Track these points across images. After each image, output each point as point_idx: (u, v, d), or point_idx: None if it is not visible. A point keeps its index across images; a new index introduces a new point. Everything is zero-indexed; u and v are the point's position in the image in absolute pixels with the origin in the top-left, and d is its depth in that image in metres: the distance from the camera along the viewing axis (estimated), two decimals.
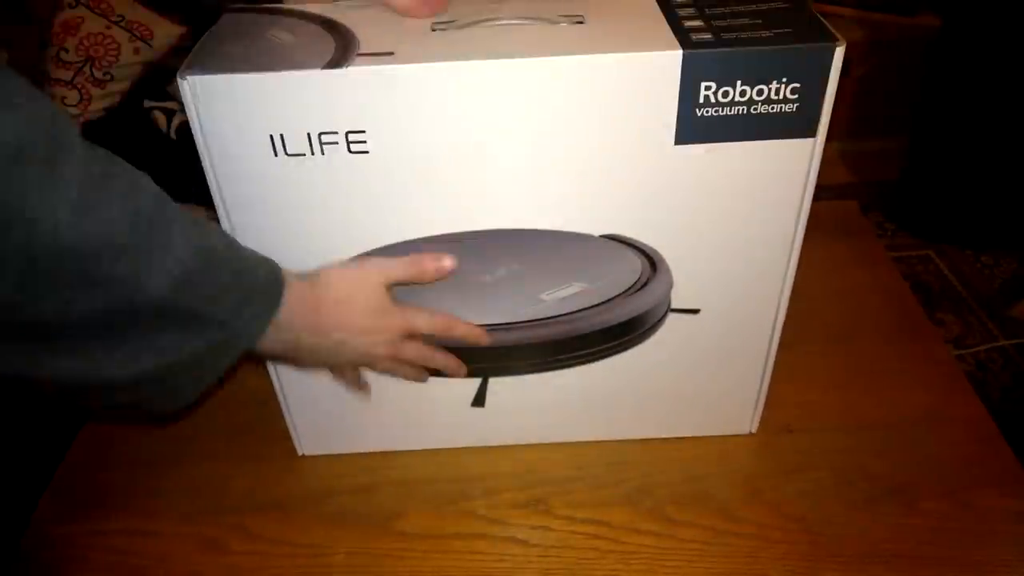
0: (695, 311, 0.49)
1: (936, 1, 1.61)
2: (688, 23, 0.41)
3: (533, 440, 0.55)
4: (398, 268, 0.45)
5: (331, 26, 0.43)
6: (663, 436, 0.55)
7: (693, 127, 0.41)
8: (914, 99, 1.63)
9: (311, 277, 0.42)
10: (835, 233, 0.73)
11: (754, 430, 0.55)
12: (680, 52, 0.38)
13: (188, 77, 0.38)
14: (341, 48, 0.40)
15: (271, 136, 0.40)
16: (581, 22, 0.42)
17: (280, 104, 0.39)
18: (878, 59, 1.66)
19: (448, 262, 0.45)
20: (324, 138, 0.41)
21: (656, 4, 0.43)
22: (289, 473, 0.54)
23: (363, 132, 0.41)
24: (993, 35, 1.42)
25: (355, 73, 0.39)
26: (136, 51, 1.41)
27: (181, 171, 0.49)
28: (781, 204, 0.44)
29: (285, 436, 0.56)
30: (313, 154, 0.41)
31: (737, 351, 0.51)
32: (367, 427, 0.54)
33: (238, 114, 0.39)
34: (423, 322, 0.47)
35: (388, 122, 0.40)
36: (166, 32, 1.41)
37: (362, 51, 0.40)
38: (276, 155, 0.41)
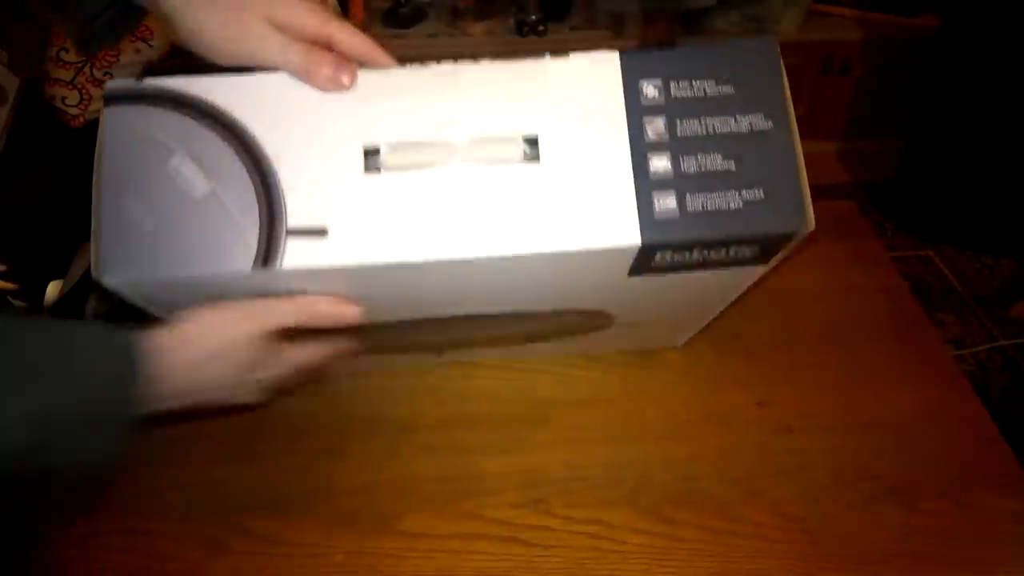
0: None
1: (936, 1, 1.61)
2: (654, 167, 0.39)
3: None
4: (284, 315, 0.41)
5: (243, 151, 0.39)
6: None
7: (648, 270, 0.41)
8: (913, 99, 1.63)
9: (169, 342, 0.38)
10: (835, 233, 0.73)
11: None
12: (639, 242, 0.38)
13: (105, 279, 0.37)
14: (266, 214, 0.38)
15: (204, 297, 0.40)
16: (535, 147, 0.39)
17: (209, 286, 0.39)
18: (878, 59, 1.66)
19: (350, 312, 0.41)
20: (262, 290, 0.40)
21: (624, 125, 0.39)
22: (289, 473, 0.54)
23: (304, 290, 0.40)
24: (992, 36, 1.42)
25: (287, 269, 0.37)
26: (137, 51, 1.41)
27: None
28: (727, 295, 0.48)
29: (285, 436, 0.56)
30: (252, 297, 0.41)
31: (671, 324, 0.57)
32: None
33: (166, 292, 0.39)
34: (303, 360, 0.44)
35: (327, 286, 0.40)
36: (166, 32, 1.41)
37: (291, 225, 0.37)
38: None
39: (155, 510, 0.52)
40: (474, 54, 0.41)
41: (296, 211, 0.38)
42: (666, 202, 0.38)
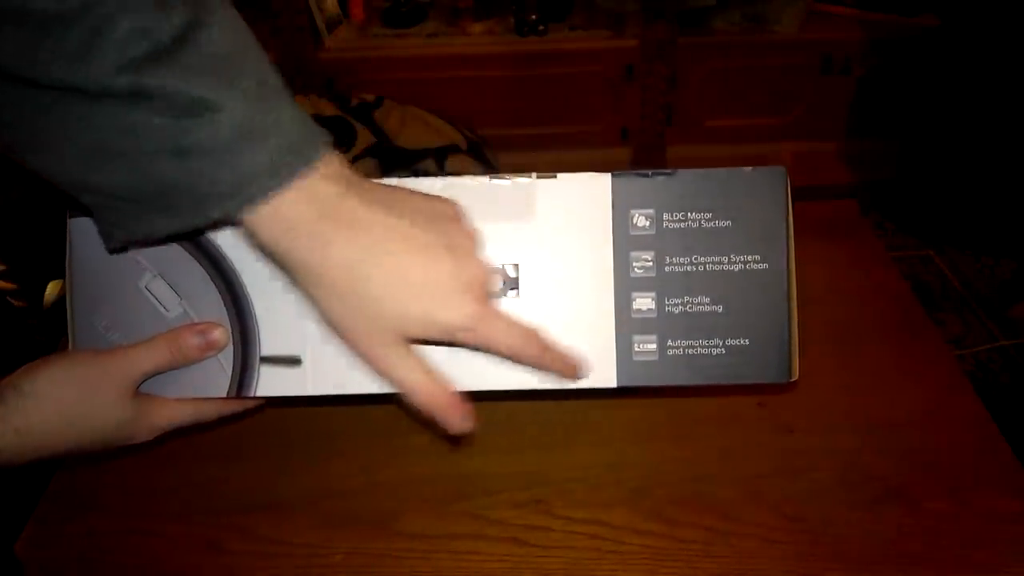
0: None
1: (936, 1, 1.61)
2: (637, 306, 0.38)
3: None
4: (149, 359, 0.37)
5: (214, 269, 0.38)
6: None
7: (634, 384, 0.39)
8: (914, 99, 1.63)
9: (23, 406, 0.35)
10: (835, 233, 0.73)
11: None
12: (614, 385, 0.37)
13: None
14: (239, 338, 0.37)
15: None
16: (516, 277, 0.38)
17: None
18: (878, 59, 1.66)
19: (218, 334, 0.38)
20: None
21: (610, 258, 0.38)
22: (288, 473, 0.54)
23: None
24: (992, 36, 1.42)
25: (262, 393, 0.37)
26: None
27: None
28: None
29: (285, 436, 0.56)
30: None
31: None
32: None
33: None
34: (180, 418, 0.40)
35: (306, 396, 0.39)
36: None
37: (265, 352, 0.37)
38: None
39: (154, 510, 0.52)
40: (474, 54, 0.40)
41: (270, 337, 0.37)
42: (646, 345, 0.37)
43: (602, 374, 0.37)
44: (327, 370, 0.37)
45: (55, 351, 0.38)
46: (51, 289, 1.04)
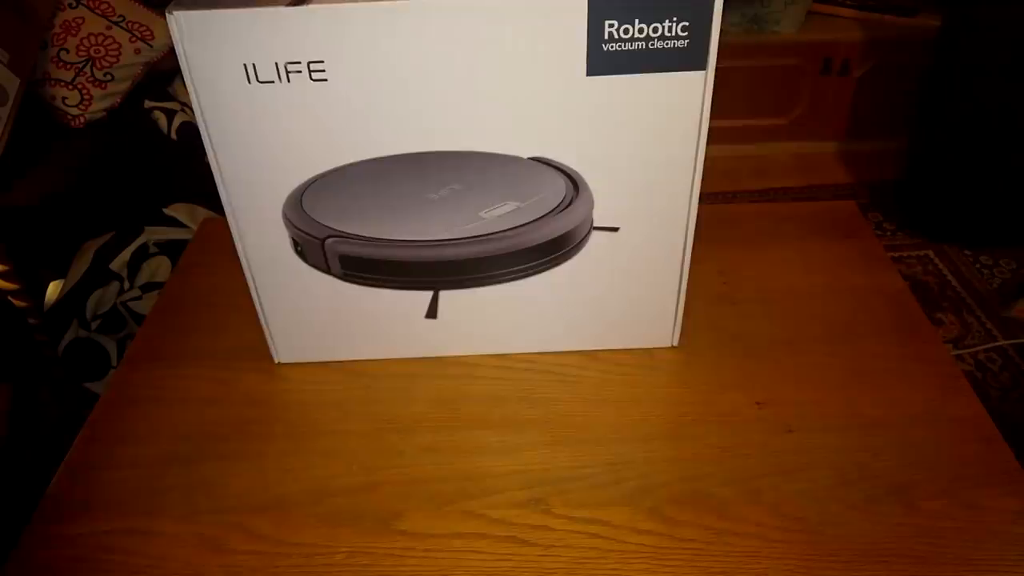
0: (615, 229, 0.56)
1: (936, 1, 1.62)
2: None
3: (479, 351, 0.63)
4: None
5: None
6: (594, 348, 0.62)
7: (601, 61, 0.47)
8: (914, 99, 1.63)
9: None
10: (834, 233, 0.73)
11: (675, 343, 0.62)
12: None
13: (175, 12, 0.45)
14: None
15: (245, 65, 0.47)
16: None
17: (252, 36, 0.46)
18: (878, 59, 1.66)
19: None
20: (290, 67, 0.47)
21: None
22: (289, 473, 0.54)
23: (322, 62, 0.46)
24: (993, 35, 1.42)
25: (313, 9, 0.45)
26: (137, 51, 1.41)
27: (181, 171, 0.49)
28: (681, 130, 0.51)
29: (285, 436, 0.56)
30: (281, 81, 0.47)
31: (654, 265, 0.58)
32: (335, 337, 0.61)
33: (217, 45, 0.46)
34: None
35: (342, 53, 0.46)
36: (167, 32, 1.42)
37: None
38: (250, 82, 0.47)
39: (155, 510, 0.52)
40: None
41: None
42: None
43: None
44: None
45: (56, 351, 0.39)
46: (52, 289, 1.04)
